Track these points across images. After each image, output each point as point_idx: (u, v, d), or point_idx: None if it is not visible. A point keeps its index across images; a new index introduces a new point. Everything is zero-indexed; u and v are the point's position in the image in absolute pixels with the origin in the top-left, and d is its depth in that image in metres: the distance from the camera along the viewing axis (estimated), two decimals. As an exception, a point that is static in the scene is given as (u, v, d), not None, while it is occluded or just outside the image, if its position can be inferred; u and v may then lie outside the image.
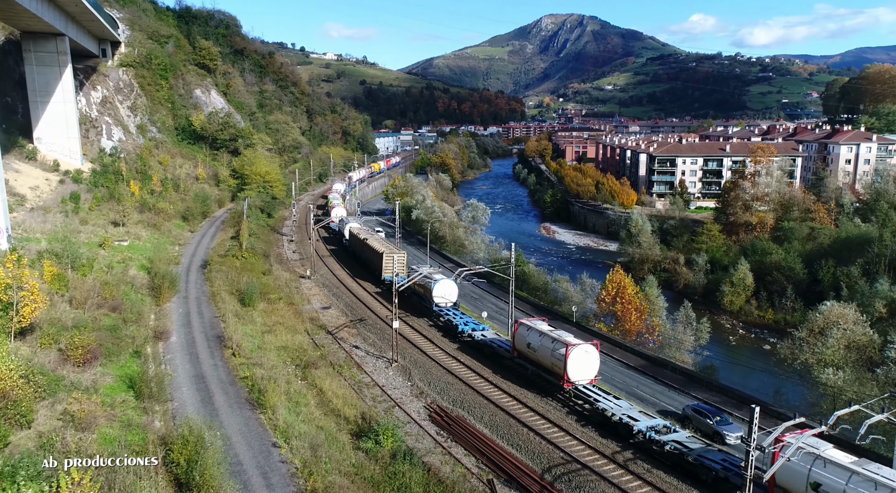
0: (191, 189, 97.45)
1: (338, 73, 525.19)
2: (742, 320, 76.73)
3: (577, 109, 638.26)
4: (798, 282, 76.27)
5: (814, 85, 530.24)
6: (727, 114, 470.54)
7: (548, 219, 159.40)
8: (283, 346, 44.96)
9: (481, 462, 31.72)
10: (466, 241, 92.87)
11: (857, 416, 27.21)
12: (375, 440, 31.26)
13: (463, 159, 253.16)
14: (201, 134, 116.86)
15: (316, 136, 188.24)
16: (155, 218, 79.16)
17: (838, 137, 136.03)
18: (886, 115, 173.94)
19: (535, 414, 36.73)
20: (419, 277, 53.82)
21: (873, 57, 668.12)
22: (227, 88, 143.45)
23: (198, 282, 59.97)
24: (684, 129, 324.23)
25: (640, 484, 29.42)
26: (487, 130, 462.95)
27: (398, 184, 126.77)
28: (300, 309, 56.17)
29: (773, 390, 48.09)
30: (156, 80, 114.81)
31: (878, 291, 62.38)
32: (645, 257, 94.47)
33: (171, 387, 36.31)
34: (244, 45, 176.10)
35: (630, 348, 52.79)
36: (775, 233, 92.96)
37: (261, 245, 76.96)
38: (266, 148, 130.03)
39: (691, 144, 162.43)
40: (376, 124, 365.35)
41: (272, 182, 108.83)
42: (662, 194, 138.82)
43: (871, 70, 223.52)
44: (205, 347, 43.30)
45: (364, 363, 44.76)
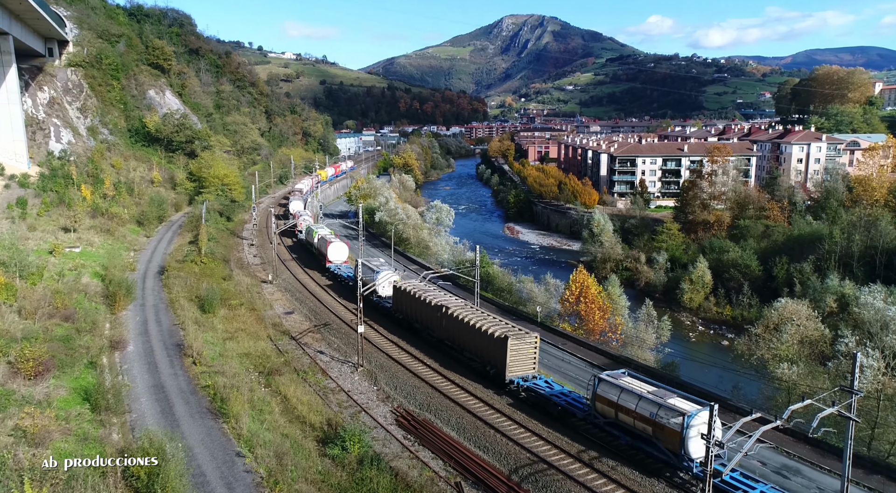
0: (146, 193, 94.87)
1: (297, 73, 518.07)
2: (701, 316, 78.60)
3: (539, 110, 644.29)
4: (754, 279, 78.52)
5: (767, 86, 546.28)
6: (685, 114, 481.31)
7: (511, 219, 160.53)
8: (246, 353, 44.13)
9: (449, 465, 31.70)
10: (431, 242, 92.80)
11: (810, 409, 28.02)
12: (342, 446, 30.96)
13: (426, 160, 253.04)
14: (156, 136, 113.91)
15: (276, 137, 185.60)
16: (108, 223, 76.76)
17: (790, 136, 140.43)
18: (835, 115, 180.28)
19: (501, 415, 36.89)
20: None
21: (822, 58, 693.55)
22: (183, 88, 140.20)
23: (155, 289, 58.44)
24: (644, 129, 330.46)
25: (606, 482, 29.83)
26: (450, 131, 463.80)
27: (361, 186, 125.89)
28: (262, 315, 55.25)
29: (732, 385, 49.33)
30: (107, 80, 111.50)
31: (829, 286, 64.67)
32: (607, 256, 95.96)
33: (129, 398, 35.23)
34: (199, 44, 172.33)
35: (594, 346, 53.48)
36: (732, 231, 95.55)
37: (220, 250, 75.47)
38: (224, 150, 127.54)
39: (651, 144, 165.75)
40: (337, 125, 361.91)
41: (231, 185, 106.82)
42: (623, 194, 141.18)
43: (820, 72, 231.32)
44: (164, 356, 42.20)
45: (329, 369, 44.27)
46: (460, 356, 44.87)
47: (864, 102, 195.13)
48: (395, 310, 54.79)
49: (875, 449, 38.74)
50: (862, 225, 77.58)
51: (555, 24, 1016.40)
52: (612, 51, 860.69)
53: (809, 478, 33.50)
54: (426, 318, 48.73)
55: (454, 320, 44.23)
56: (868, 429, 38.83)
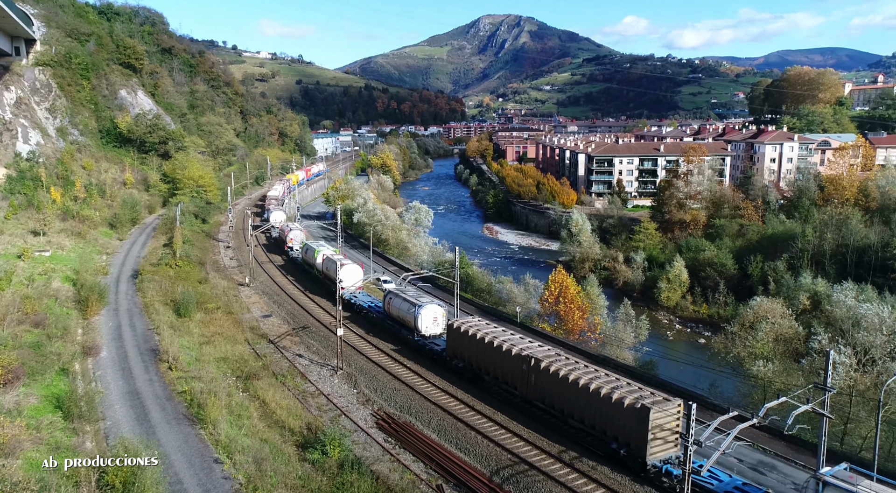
0: (118, 195, 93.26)
1: (273, 73, 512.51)
2: (679, 315, 79.48)
3: (517, 109, 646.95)
4: (730, 277, 79.63)
5: (740, 86, 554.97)
6: (660, 114, 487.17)
7: (490, 219, 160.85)
8: (223, 357, 43.57)
9: (430, 468, 31.59)
10: (410, 243, 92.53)
11: (786, 406, 28.45)
12: (322, 450, 30.73)
13: (404, 160, 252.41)
14: (128, 137, 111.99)
15: (251, 137, 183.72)
16: (79, 226, 75.23)
17: (763, 136, 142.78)
18: (806, 115, 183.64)
19: (482, 417, 36.83)
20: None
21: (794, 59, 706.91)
22: (155, 88, 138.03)
23: (129, 293, 57.42)
24: (620, 129, 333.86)
25: (586, 481, 29.95)
26: (428, 131, 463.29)
27: (339, 187, 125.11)
28: (240, 318, 54.61)
29: (709, 383, 49.90)
30: (76, 80, 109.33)
31: (802, 284, 65.81)
32: (585, 256, 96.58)
33: (102, 405, 34.54)
34: (172, 43, 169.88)
35: (573, 346, 53.69)
36: (707, 230, 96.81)
37: (196, 252, 74.45)
38: (199, 151, 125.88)
39: (628, 144, 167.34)
40: (314, 125, 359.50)
41: (206, 186, 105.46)
42: (601, 194, 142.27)
43: (792, 72, 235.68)
44: (138, 361, 41.44)
45: (308, 372, 43.87)
46: (562, 425, 34.76)
47: (834, 102, 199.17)
48: (450, 355, 43.59)
49: (847, 444, 39.46)
50: (833, 224, 79.10)
51: (532, 24, 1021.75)
52: (589, 51, 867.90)
53: (784, 473, 34.01)
54: (502, 369, 38.27)
55: (551, 378, 34.18)
56: (841, 424, 39.56)
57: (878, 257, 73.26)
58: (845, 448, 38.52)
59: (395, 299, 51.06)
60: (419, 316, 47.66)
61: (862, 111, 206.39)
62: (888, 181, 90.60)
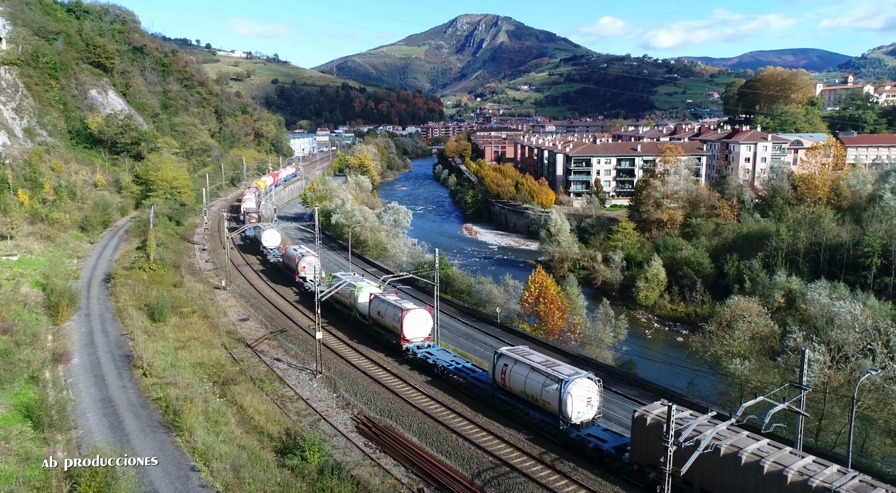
0: (89, 197, 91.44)
1: (248, 72, 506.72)
2: (657, 314, 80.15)
3: (495, 109, 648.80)
4: (706, 276, 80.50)
5: (715, 86, 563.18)
6: (637, 113, 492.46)
7: (469, 219, 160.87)
8: (199, 362, 42.84)
9: (411, 472, 31.36)
10: (389, 244, 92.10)
11: (763, 405, 28.75)
12: (301, 455, 30.41)
13: (382, 160, 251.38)
14: (99, 138, 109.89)
15: (226, 138, 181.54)
16: (48, 229, 73.57)
17: (738, 136, 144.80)
18: (779, 115, 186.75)
19: (462, 419, 36.65)
20: None
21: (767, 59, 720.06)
22: (127, 88, 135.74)
23: (101, 297, 56.23)
24: (598, 128, 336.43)
25: (567, 482, 29.93)
26: (406, 130, 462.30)
27: (316, 187, 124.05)
28: (216, 322, 53.72)
29: (687, 381, 50.36)
30: (44, 79, 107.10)
31: (777, 282, 66.73)
32: (564, 256, 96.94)
33: (74, 414, 33.70)
34: (144, 42, 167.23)
35: (553, 346, 53.84)
36: (684, 229, 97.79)
37: (170, 255, 73.30)
38: (172, 152, 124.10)
39: (605, 144, 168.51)
40: (290, 125, 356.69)
41: (180, 188, 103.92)
42: (579, 193, 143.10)
43: (765, 73, 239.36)
44: (111, 368, 40.53)
45: (287, 376, 43.31)
46: None
47: (806, 102, 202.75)
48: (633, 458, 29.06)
49: (822, 440, 40.06)
50: (806, 222, 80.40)
51: (509, 24, 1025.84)
52: (566, 51, 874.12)
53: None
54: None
55: None
56: (815, 421, 40.15)
57: (850, 255, 74.64)
58: (819, 444, 39.12)
59: (516, 366, 35.97)
60: (567, 398, 32.64)
61: (833, 111, 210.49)
62: (858, 180, 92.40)
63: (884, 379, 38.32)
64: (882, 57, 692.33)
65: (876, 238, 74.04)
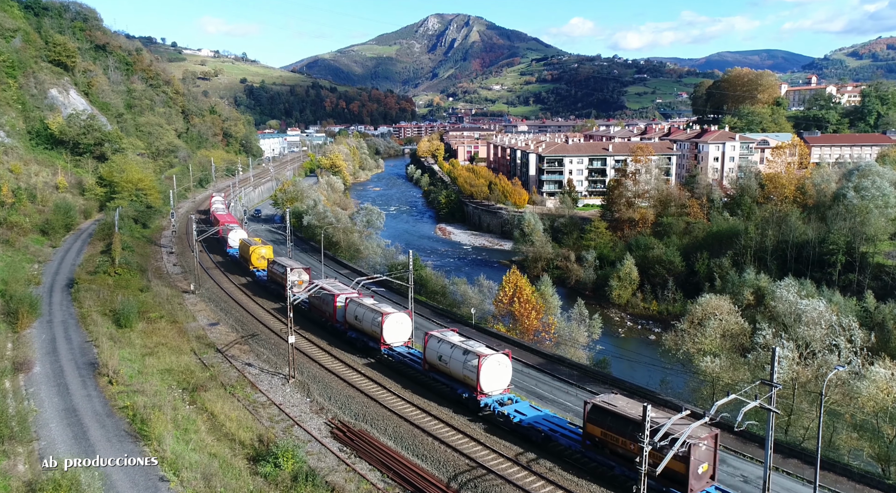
0: (50, 199, 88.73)
1: (216, 71, 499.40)
2: (630, 312, 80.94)
3: (468, 109, 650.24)
4: (678, 274, 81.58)
5: (683, 86, 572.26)
6: (608, 113, 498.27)
7: (443, 220, 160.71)
8: (168, 369, 41.78)
9: (387, 477, 30.98)
10: (362, 246, 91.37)
11: (735, 403, 29.04)
12: (274, 462, 29.81)
13: (354, 161, 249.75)
14: (60, 138, 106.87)
15: (194, 138, 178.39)
16: (7, 233, 71.18)
17: (707, 136, 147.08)
18: (746, 115, 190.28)
19: (439, 422, 36.38)
20: None
21: (733, 60, 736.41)
22: (89, 87, 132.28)
23: (64, 303, 54.57)
24: (569, 128, 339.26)
25: (543, 484, 29.91)
26: (378, 130, 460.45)
27: (287, 188, 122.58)
28: (185, 327, 52.52)
29: (660, 379, 50.86)
30: (1, 78, 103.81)
31: (746, 280, 67.86)
32: (538, 256, 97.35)
33: (36, 424, 32.53)
34: (107, 40, 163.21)
35: (528, 346, 53.91)
36: (656, 228, 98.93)
37: (137, 259, 71.54)
38: (138, 153, 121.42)
39: (577, 144, 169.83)
40: (260, 125, 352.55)
41: (146, 190, 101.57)
42: (552, 193, 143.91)
43: (732, 74, 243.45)
44: (75, 376, 39.26)
45: (259, 382, 42.51)
46: None
47: (772, 102, 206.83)
48: None
49: (791, 435, 40.79)
50: (774, 220, 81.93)
51: (481, 23, 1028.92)
52: (538, 51, 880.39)
53: (734, 466, 34.90)
54: None
55: None
56: (785, 416, 40.84)
57: (816, 253, 76.27)
58: (789, 439, 39.80)
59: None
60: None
61: (797, 111, 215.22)
62: (823, 179, 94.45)
63: (849, 374, 39.12)
64: (843, 58, 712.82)
65: (841, 236, 75.78)
